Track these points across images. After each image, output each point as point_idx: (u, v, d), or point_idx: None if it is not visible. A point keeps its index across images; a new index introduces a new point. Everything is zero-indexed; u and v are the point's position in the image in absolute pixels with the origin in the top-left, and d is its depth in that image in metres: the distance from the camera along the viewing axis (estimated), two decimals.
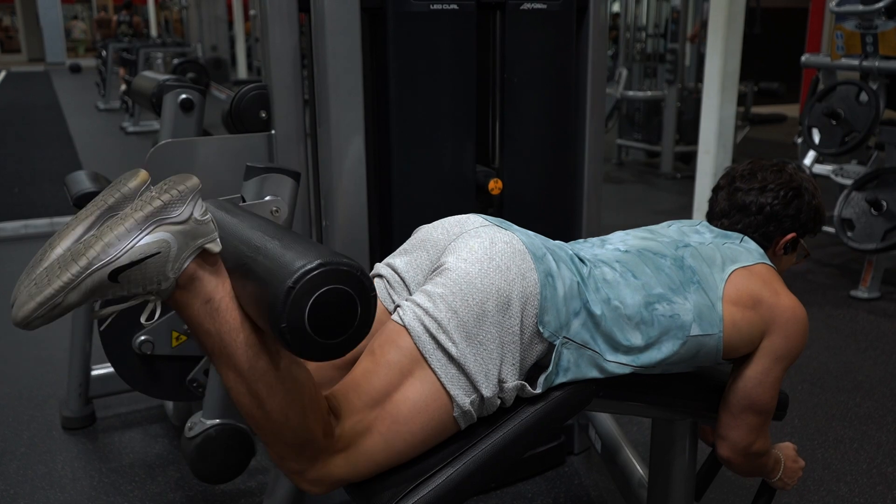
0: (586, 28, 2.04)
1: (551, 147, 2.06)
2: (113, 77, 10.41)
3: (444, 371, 1.17)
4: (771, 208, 1.51)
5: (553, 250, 1.29)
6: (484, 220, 1.35)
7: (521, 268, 1.22)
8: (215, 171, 1.90)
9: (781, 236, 1.53)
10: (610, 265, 1.33)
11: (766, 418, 1.42)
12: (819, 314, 3.48)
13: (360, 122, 1.81)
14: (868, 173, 3.80)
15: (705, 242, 1.45)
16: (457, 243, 1.27)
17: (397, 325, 1.21)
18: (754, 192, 1.52)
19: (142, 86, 2.39)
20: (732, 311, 1.35)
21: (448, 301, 1.18)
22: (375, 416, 1.17)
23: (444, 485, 1.17)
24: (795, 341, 1.39)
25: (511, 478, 2.18)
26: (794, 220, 1.53)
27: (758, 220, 1.51)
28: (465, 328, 1.17)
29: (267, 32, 1.85)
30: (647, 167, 6.93)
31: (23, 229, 4.76)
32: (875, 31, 3.78)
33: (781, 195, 1.51)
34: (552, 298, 1.22)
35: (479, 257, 1.22)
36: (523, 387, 1.23)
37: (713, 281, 1.36)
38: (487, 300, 1.18)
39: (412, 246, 1.37)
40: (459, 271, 1.21)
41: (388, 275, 1.36)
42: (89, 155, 7.28)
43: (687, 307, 1.32)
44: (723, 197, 1.57)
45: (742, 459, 1.45)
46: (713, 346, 1.35)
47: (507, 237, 1.26)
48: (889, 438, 2.43)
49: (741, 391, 1.40)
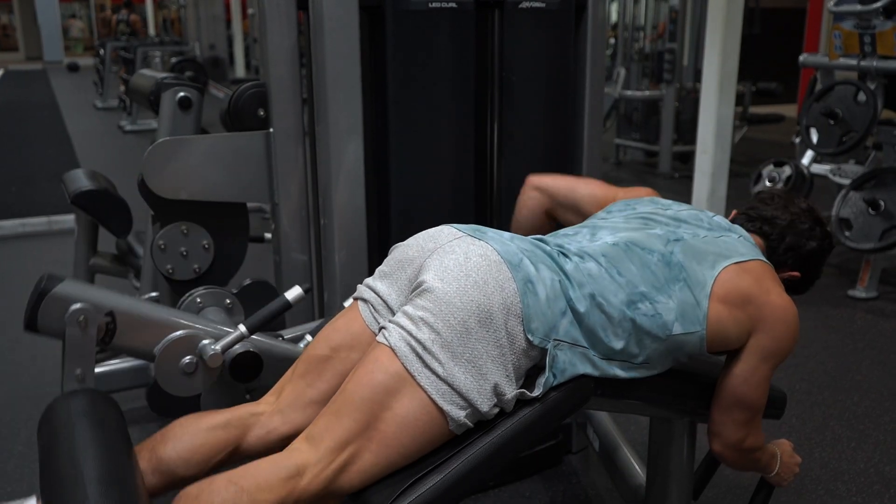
0: (585, 27, 2.04)
1: (549, 146, 2.06)
2: (111, 76, 10.40)
3: (434, 387, 1.17)
4: (811, 245, 1.54)
5: (531, 252, 1.28)
6: (457, 231, 1.34)
7: (497, 279, 1.21)
8: (213, 170, 1.90)
9: (788, 270, 1.54)
10: (595, 259, 1.32)
11: (755, 415, 1.42)
12: (817, 314, 3.49)
13: (358, 120, 1.81)
14: (866, 173, 3.80)
15: (699, 235, 1.43)
16: (431, 260, 1.27)
17: (383, 346, 1.21)
18: (806, 224, 1.55)
19: (140, 84, 2.39)
20: (719, 309, 1.34)
21: (429, 323, 1.18)
22: (365, 438, 1.17)
23: (441, 484, 1.17)
24: (784, 341, 1.38)
25: (509, 477, 2.18)
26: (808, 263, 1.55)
27: (792, 251, 1.53)
28: (450, 348, 1.17)
29: (265, 31, 1.85)
30: (645, 167, 6.93)
31: (20, 228, 4.76)
32: (873, 30, 3.78)
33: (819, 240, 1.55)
34: (535, 305, 1.21)
35: (456, 275, 1.21)
36: (522, 393, 1.23)
37: (701, 278, 1.35)
38: (469, 318, 1.18)
39: (391, 268, 1.37)
40: (437, 291, 1.20)
41: (371, 298, 1.36)
42: (87, 153, 7.27)
43: (670, 306, 1.31)
44: (765, 198, 1.60)
45: (735, 454, 1.45)
46: (695, 342, 1.34)
47: (481, 249, 1.26)
48: (886, 437, 2.44)
49: (729, 388, 1.40)
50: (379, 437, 1.17)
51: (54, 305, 1.47)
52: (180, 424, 1.34)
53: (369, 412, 1.17)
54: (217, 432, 1.32)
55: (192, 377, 1.57)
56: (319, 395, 1.34)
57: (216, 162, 1.89)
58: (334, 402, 1.22)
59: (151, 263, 2.11)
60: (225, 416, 1.35)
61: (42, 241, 4.64)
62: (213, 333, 1.58)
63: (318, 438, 1.19)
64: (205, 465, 1.31)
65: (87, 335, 1.48)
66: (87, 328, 1.47)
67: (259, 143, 1.91)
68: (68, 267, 2.64)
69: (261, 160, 1.92)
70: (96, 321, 1.48)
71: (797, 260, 1.54)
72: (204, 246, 2.01)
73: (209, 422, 1.34)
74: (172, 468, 1.29)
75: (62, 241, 4.47)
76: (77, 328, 1.47)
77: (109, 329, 1.51)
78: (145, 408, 2.61)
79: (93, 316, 1.48)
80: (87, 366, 1.48)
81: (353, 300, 1.41)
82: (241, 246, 2.08)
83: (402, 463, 1.20)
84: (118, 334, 1.52)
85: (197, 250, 2.00)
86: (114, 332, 1.51)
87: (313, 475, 1.17)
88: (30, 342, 3.10)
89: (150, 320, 1.56)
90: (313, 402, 1.34)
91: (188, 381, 1.58)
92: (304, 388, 1.36)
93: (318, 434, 1.20)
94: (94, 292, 1.52)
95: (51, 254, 4.34)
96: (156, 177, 1.86)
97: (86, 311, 1.47)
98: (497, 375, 1.19)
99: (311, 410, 1.33)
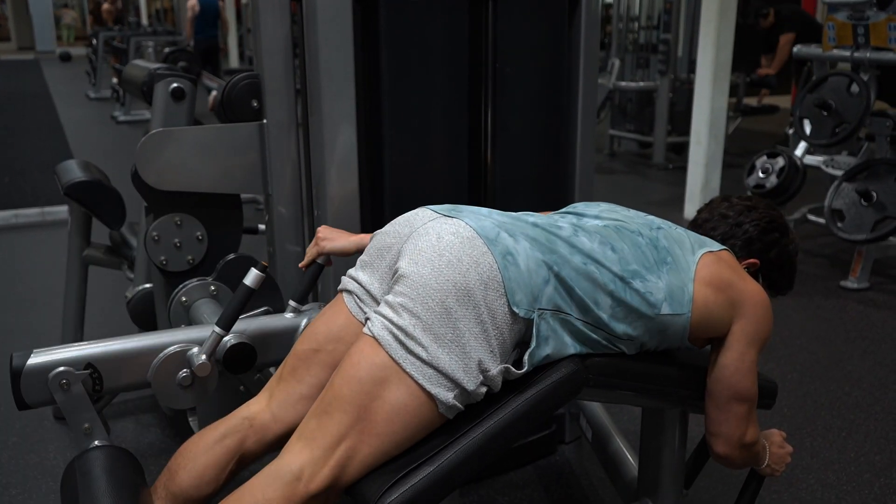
0: (578, 18, 2.03)
1: (543, 136, 2.06)
2: (103, 66, 10.34)
3: (420, 372, 1.17)
4: (748, 226, 1.57)
5: (510, 224, 1.29)
6: (432, 212, 1.34)
7: (472, 255, 1.21)
8: (207, 161, 1.90)
9: (745, 258, 1.56)
10: (590, 234, 1.34)
11: (751, 406, 1.44)
12: (809, 304, 3.51)
13: (351, 111, 1.81)
14: (858, 164, 3.81)
15: (674, 227, 1.49)
16: (407, 245, 1.27)
17: (367, 337, 1.21)
18: (741, 207, 1.60)
19: (133, 74, 2.38)
20: (705, 292, 1.37)
21: (408, 308, 1.18)
22: (358, 431, 1.18)
23: (432, 475, 1.18)
24: (764, 324, 1.42)
25: (502, 466, 2.19)
26: (763, 250, 1.58)
27: (733, 231, 1.58)
28: (432, 330, 1.17)
29: (259, 21, 1.85)
30: (639, 158, 6.94)
31: (13, 219, 4.74)
32: (866, 22, 3.79)
33: (764, 222, 1.58)
34: (517, 276, 1.21)
35: (429, 256, 1.21)
36: (508, 370, 1.23)
37: (685, 262, 1.39)
38: (447, 297, 1.18)
39: (371, 256, 1.37)
40: (413, 276, 1.20)
41: (355, 289, 1.37)
42: (80, 144, 7.24)
43: (660, 286, 1.33)
44: (713, 206, 1.65)
45: (738, 452, 1.45)
46: (680, 326, 1.36)
47: (454, 227, 1.26)
48: (877, 427, 2.46)
49: (723, 381, 1.41)
50: (371, 428, 1.18)
51: (33, 380, 1.44)
52: (181, 454, 1.37)
53: (359, 405, 1.18)
54: (216, 448, 1.35)
55: (192, 388, 1.58)
56: (309, 390, 1.35)
57: (210, 153, 1.89)
58: (323, 399, 1.22)
59: (145, 255, 2.11)
60: (220, 429, 1.37)
61: (35, 232, 4.63)
62: (196, 340, 1.58)
63: (311, 438, 1.20)
64: (216, 482, 1.34)
65: (76, 394, 1.46)
66: (72, 388, 1.46)
67: (253, 134, 1.91)
68: (62, 258, 2.64)
69: (254, 151, 1.92)
70: (78, 378, 1.46)
71: (746, 249, 1.57)
72: (198, 237, 2.00)
73: (206, 441, 1.36)
74: (188, 496, 1.32)
75: (55, 232, 4.46)
76: (63, 392, 1.45)
77: (95, 379, 1.50)
78: (138, 398, 2.61)
79: (73, 375, 1.46)
80: (90, 419, 1.48)
81: (338, 292, 1.42)
82: (235, 237, 2.08)
83: (396, 451, 1.20)
84: (105, 380, 1.51)
85: (191, 241, 2.00)
86: (100, 379, 1.50)
87: (311, 474, 1.17)
88: (21, 333, 3.10)
89: (130, 355, 1.55)
90: (304, 397, 1.35)
91: (190, 393, 1.58)
92: (294, 385, 1.37)
93: (309, 433, 1.21)
94: (65, 352, 1.48)
95: (43, 245, 4.33)
96: (149, 168, 1.85)
97: (64, 373, 1.45)
98: (480, 352, 1.19)
99: (302, 406, 1.34)
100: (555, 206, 2.11)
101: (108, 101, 9.95)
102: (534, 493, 2.12)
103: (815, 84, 4.03)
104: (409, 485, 1.16)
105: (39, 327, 3.16)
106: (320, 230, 1.59)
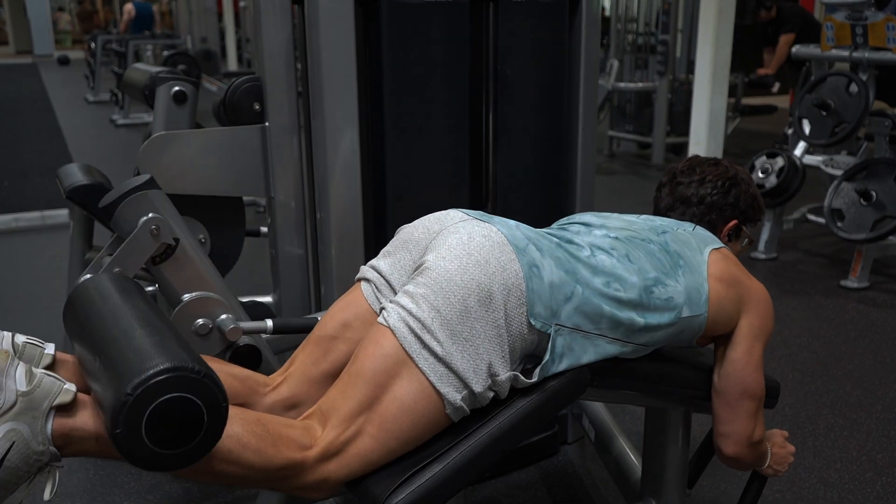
0: (579, 20, 2.04)
1: (544, 138, 2.07)
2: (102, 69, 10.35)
3: (431, 370, 1.18)
4: (711, 198, 1.59)
5: (536, 240, 1.30)
6: (464, 214, 1.35)
7: (500, 260, 1.22)
8: (209, 164, 1.90)
9: (724, 224, 1.60)
10: (607, 252, 1.35)
11: (759, 403, 1.45)
12: (809, 304, 3.51)
13: (353, 113, 1.81)
14: (858, 164, 3.82)
15: (675, 228, 1.50)
16: (436, 241, 1.28)
17: (382, 328, 1.22)
18: (694, 184, 1.61)
19: (134, 78, 2.38)
20: (718, 288, 1.40)
21: (430, 300, 1.19)
22: (365, 419, 1.18)
23: (439, 475, 1.18)
24: (768, 318, 1.46)
25: (505, 467, 2.20)
26: (734, 207, 1.60)
27: (700, 210, 1.60)
28: (450, 326, 1.18)
29: (260, 25, 1.85)
30: (638, 158, 6.94)
31: (14, 223, 4.74)
32: (865, 22, 3.79)
33: (720, 185, 1.60)
34: (539, 289, 1.22)
35: (458, 253, 1.22)
36: (516, 377, 1.23)
37: (696, 263, 1.41)
38: (469, 296, 1.19)
39: (394, 247, 1.38)
40: (439, 269, 1.21)
41: (373, 278, 1.37)
42: (79, 148, 7.23)
43: (679, 289, 1.36)
44: (666, 193, 1.65)
45: (747, 451, 1.46)
46: (696, 326, 1.39)
47: (486, 230, 1.27)
48: (878, 426, 2.46)
49: (732, 376, 1.43)
50: (379, 420, 1.18)
51: (137, 205, 1.55)
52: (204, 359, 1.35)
53: (371, 393, 1.18)
54: (233, 381, 1.32)
55: (201, 339, 1.64)
56: (322, 375, 1.35)
57: (212, 156, 1.89)
58: (340, 382, 1.23)
59: None
60: (244, 371, 1.37)
61: (36, 235, 4.62)
62: (238, 312, 1.67)
63: (326, 415, 1.20)
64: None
65: (150, 244, 1.56)
66: (156, 238, 1.55)
67: (255, 137, 1.91)
68: (63, 262, 2.64)
69: (256, 154, 1.92)
70: (164, 238, 1.56)
71: (721, 216, 1.59)
72: (200, 240, 2.01)
73: (229, 369, 1.35)
74: None
75: (56, 235, 4.46)
76: (147, 233, 1.54)
77: (167, 252, 1.59)
78: None
79: (166, 232, 1.56)
80: (130, 269, 1.56)
81: (356, 281, 1.42)
82: (238, 240, 2.08)
83: (400, 450, 1.21)
84: (170, 261, 1.60)
85: None
86: (167, 258, 1.60)
87: (320, 449, 1.17)
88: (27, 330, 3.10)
89: (200, 270, 1.65)
90: (316, 380, 1.35)
91: (196, 341, 1.63)
92: (310, 367, 1.37)
93: (326, 410, 1.21)
94: (176, 215, 1.62)
95: (44, 249, 4.33)
96: (151, 171, 1.85)
97: (162, 223, 1.55)
98: (492, 355, 1.20)
99: (315, 388, 1.34)
100: (556, 207, 2.13)
101: (107, 104, 9.95)
102: (537, 493, 2.12)
103: (814, 84, 4.04)
104: (416, 485, 1.16)
105: (41, 332, 3.15)
106: None
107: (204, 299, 1.63)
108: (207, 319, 1.64)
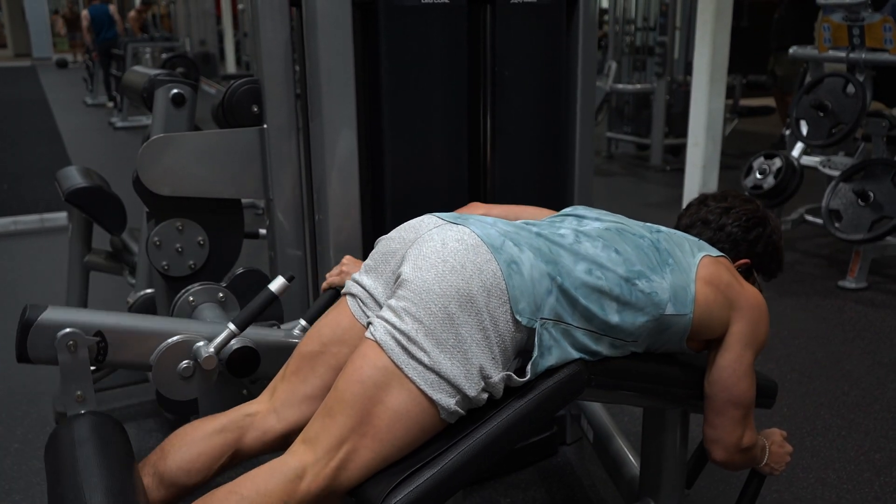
0: (576, 21, 2.05)
1: (542, 139, 2.07)
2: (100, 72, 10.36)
3: (421, 378, 1.18)
4: (730, 227, 1.58)
5: (513, 234, 1.29)
6: (438, 219, 1.35)
7: (476, 262, 1.22)
8: (208, 166, 1.91)
9: (735, 260, 1.57)
10: (592, 239, 1.35)
11: (748, 410, 1.44)
12: (807, 304, 3.52)
13: (352, 115, 1.82)
14: (855, 164, 3.83)
15: (673, 231, 1.51)
16: (411, 251, 1.28)
17: (370, 342, 1.22)
18: (719, 210, 1.60)
19: (132, 80, 2.39)
20: (706, 291, 1.38)
21: (411, 313, 1.19)
22: (360, 434, 1.18)
23: (437, 476, 1.18)
24: (761, 327, 1.43)
25: (504, 468, 2.20)
26: (751, 246, 1.59)
27: (717, 235, 1.58)
28: (434, 335, 1.18)
29: (258, 27, 1.85)
30: (636, 160, 6.96)
31: (12, 226, 4.74)
32: (862, 23, 3.80)
33: (744, 220, 1.59)
34: (521, 285, 1.22)
35: (433, 262, 1.22)
36: (510, 377, 1.23)
37: (686, 264, 1.40)
38: (449, 303, 1.19)
39: (375, 262, 1.39)
40: (417, 280, 1.21)
41: (358, 293, 1.38)
42: (78, 150, 7.24)
43: (664, 286, 1.35)
44: (691, 212, 1.65)
45: (736, 457, 1.46)
46: (682, 326, 1.37)
47: (459, 233, 1.26)
48: (876, 426, 2.47)
49: (719, 383, 1.42)
50: (373, 432, 1.19)
51: (42, 334, 1.46)
52: (177, 436, 1.36)
53: (361, 408, 1.19)
54: (214, 438, 1.34)
55: (190, 381, 1.58)
56: (313, 391, 1.35)
57: (211, 158, 1.90)
58: (327, 402, 1.23)
59: (146, 260, 2.12)
60: (220, 421, 1.37)
61: (34, 238, 4.63)
62: (205, 335, 1.59)
63: (315, 439, 1.21)
64: (207, 472, 1.33)
65: (79, 358, 1.48)
66: (78, 351, 1.47)
67: (253, 140, 1.92)
68: (62, 265, 2.65)
69: (255, 156, 1.92)
70: (86, 343, 1.48)
71: (734, 250, 1.58)
72: (199, 242, 2.01)
73: (205, 429, 1.36)
74: (175, 480, 1.31)
75: (55, 238, 4.46)
76: (68, 353, 1.47)
77: (101, 348, 1.52)
78: (139, 404, 2.62)
79: (82, 339, 1.48)
80: (85, 387, 1.49)
81: (342, 296, 1.43)
82: (236, 242, 2.09)
83: (397, 456, 1.21)
84: (110, 352, 1.53)
85: (192, 247, 2.01)
86: (105, 350, 1.52)
87: (314, 475, 1.18)
88: None
89: (140, 333, 1.57)
90: (307, 397, 1.36)
91: (187, 385, 1.59)
92: (298, 385, 1.37)
93: (313, 435, 1.22)
94: (80, 315, 1.51)
95: (43, 252, 4.33)
96: (150, 173, 1.86)
97: (74, 335, 1.47)
98: (482, 358, 1.20)
99: (306, 406, 1.35)
100: (554, 209, 2.12)
101: (106, 107, 9.95)
102: (536, 494, 2.13)
103: (811, 85, 4.05)
104: (413, 486, 1.17)
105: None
106: (345, 260, 1.63)
107: (168, 350, 1.56)
108: (185, 361, 1.58)
